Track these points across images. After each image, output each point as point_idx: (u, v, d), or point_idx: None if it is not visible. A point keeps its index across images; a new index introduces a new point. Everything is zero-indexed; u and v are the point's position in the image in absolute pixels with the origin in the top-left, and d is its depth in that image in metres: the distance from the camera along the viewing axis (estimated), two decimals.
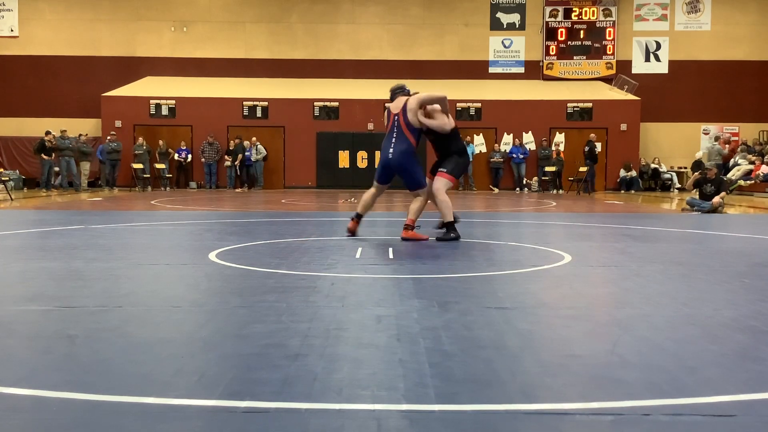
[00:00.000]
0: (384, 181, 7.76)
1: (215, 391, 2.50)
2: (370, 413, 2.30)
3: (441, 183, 7.51)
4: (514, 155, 22.06)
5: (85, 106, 23.00)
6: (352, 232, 7.62)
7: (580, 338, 3.36)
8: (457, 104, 22.54)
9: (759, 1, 23.56)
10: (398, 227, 9.12)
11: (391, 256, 6.19)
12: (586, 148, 21.11)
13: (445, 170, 7.55)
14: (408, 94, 7.72)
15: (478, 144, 22.44)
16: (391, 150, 7.51)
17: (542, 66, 23.92)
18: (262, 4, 23.82)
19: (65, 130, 20.56)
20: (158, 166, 21.60)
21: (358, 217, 7.72)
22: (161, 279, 5.05)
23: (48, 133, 19.94)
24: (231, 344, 3.19)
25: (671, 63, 23.72)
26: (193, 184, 22.41)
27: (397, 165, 7.46)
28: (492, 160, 22.10)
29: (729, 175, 20.08)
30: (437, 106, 7.55)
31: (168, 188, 21.64)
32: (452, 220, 7.44)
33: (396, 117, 7.55)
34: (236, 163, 21.63)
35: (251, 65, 23.63)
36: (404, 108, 7.50)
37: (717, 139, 23.05)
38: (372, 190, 7.76)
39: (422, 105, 7.53)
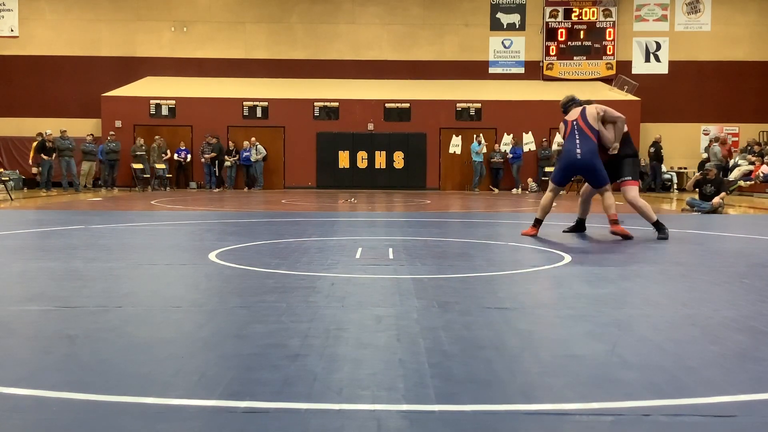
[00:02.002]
0: (563, 183, 8.02)
1: (215, 391, 2.50)
2: (370, 413, 2.30)
3: (632, 191, 7.81)
4: (510, 155, 22.10)
5: (85, 106, 23.01)
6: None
7: (579, 338, 3.36)
8: (457, 105, 22.56)
9: (759, 2, 23.56)
10: (398, 227, 9.13)
11: (391, 256, 6.19)
12: (652, 149, 21.19)
13: (628, 178, 7.86)
14: (580, 103, 8.02)
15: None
16: (578, 150, 7.66)
17: (542, 66, 23.92)
18: (262, 4, 23.83)
19: (65, 130, 20.56)
20: (158, 166, 21.60)
21: (537, 223, 7.87)
22: (161, 279, 5.05)
23: (40, 134, 19.93)
24: (231, 344, 3.19)
25: (671, 63, 23.72)
26: (193, 185, 22.41)
27: (585, 164, 7.65)
28: (492, 160, 22.11)
29: (730, 176, 20.08)
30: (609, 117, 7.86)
31: (167, 188, 21.64)
32: (656, 219, 7.75)
33: (575, 122, 7.76)
34: (205, 160, 21.67)
35: (251, 65, 23.64)
36: (583, 113, 7.77)
37: (716, 139, 23.06)
38: (549, 194, 7.92)
39: (604, 118, 7.84)
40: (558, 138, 22.48)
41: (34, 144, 19.96)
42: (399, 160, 22.53)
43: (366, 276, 5.12)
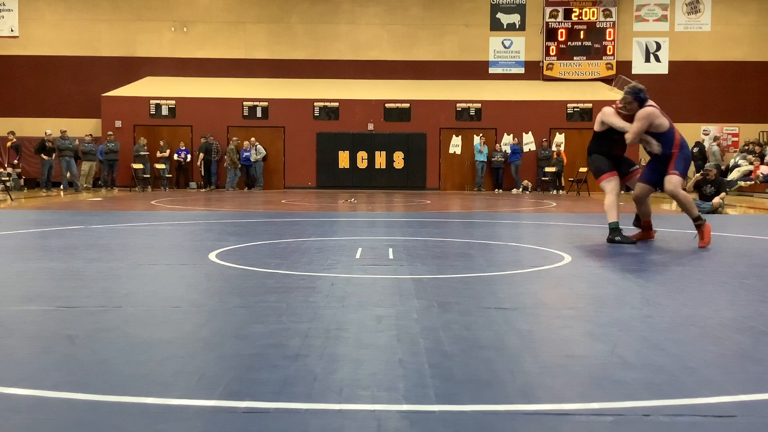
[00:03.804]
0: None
1: (215, 391, 2.50)
2: (370, 413, 2.30)
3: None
4: (509, 153, 22.13)
5: (85, 106, 23.01)
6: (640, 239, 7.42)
7: (579, 339, 3.36)
8: (457, 105, 22.55)
9: (759, 2, 23.56)
10: (398, 228, 9.13)
11: (391, 256, 6.19)
12: (695, 149, 21.04)
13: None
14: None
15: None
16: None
17: (542, 66, 23.92)
18: (262, 4, 23.84)
19: (65, 131, 20.57)
20: (158, 166, 21.61)
21: (642, 224, 7.46)
22: (161, 279, 5.05)
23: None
24: (231, 344, 3.18)
25: (671, 63, 23.72)
26: (192, 185, 22.41)
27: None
28: (493, 159, 22.11)
29: (729, 176, 20.08)
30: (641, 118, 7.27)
31: (167, 188, 21.63)
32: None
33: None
34: (198, 163, 21.64)
35: (251, 65, 23.64)
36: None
37: (716, 139, 23.06)
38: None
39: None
40: (559, 138, 22.52)
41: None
42: (399, 160, 22.53)
43: (366, 276, 5.12)
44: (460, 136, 22.60)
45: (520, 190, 21.69)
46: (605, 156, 7.44)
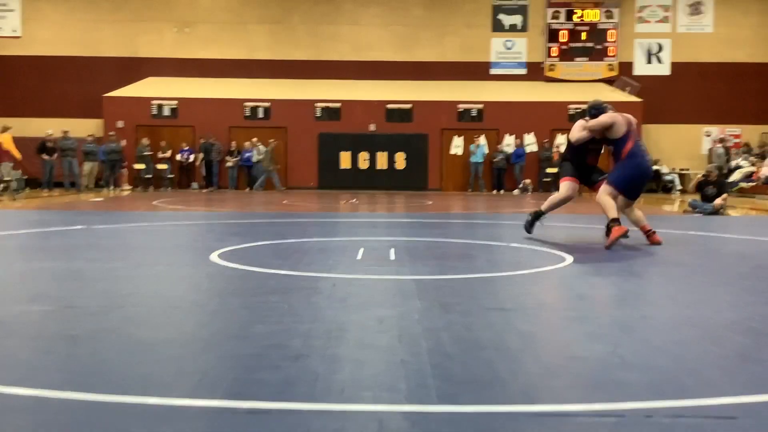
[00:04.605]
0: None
1: (217, 391, 2.50)
2: (372, 414, 2.30)
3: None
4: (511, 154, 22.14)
5: (87, 107, 23.00)
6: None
7: (581, 339, 3.36)
8: (459, 106, 22.54)
9: (761, 4, 23.54)
10: (399, 228, 9.12)
11: (392, 257, 6.19)
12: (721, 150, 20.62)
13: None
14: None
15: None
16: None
17: (544, 67, 23.91)
18: (263, 5, 23.84)
19: (67, 131, 20.58)
20: (160, 166, 21.61)
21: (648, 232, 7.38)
22: (162, 279, 5.05)
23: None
24: (232, 345, 3.19)
25: (673, 65, 23.69)
26: (194, 185, 22.42)
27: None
28: (494, 160, 22.09)
29: (731, 178, 20.06)
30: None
31: (168, 188, 21.64)
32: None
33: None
34: (197, 163, 21.67)
35: (253, 66, 23.65)
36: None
37: (721, 141, 23.05)
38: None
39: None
40: (560, 139, 22.52)
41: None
42: (400, 160, 22.53)
43: (368, 277, 5.12)
44: (462, 137, 22.59)
45: (520, 190, 21.65)
46: (576, 165, 7.72)
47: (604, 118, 7.30)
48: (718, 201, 12.32)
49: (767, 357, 3.07)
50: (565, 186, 7.75)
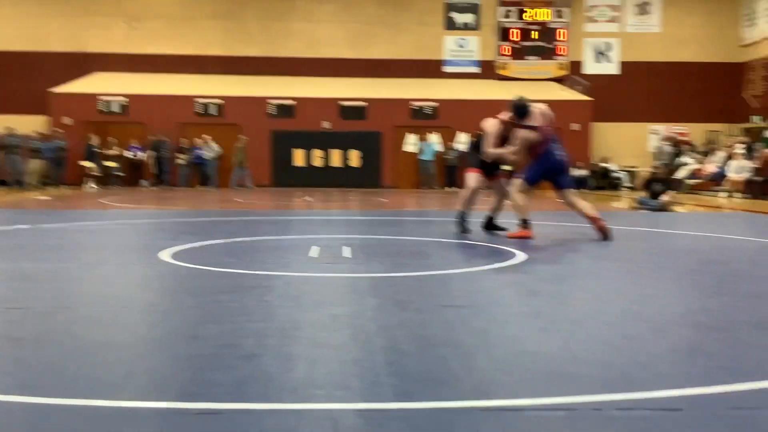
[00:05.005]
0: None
1: (168, 392, 2.46)
2: (326, 413, 2.30)
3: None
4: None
5: (32, 103, 22.36)
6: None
7: (533, 335, 3.40)
8: (413, 103, 22.62)
9: (706, 4, 24.14)
10: (354, 226, 9.12)
11: (347, 255, 6.18)
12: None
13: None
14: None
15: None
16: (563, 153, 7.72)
17: (496, 66, 24.15)
18: (215, 0, 23.55)
19: (12, 128, 20.02)
20: (108, 164, 21.17)
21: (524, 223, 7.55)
22: (112, 279, 4.96)
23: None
24: (184, 345, 3.14)
25: (622, 64, 24.17)
26: (144, 183, 22.03)
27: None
28: (447, 158, 22.22)
29: (677, 175, 20.56)
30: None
31: (118, 186, 21.23)
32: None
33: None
34: (148, 160, 21.35)
35: (205, 62, 23.33)
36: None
37: (669, 139, 23.60)
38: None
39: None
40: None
41: None
42: (355, 158, 22.51)
43: (322, 275, 5.10)
44: (417, 135, 22.65)
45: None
46: (479, 157, 8.03)
47: (533, 134, 7.51)
48: (665, 198, 12.62)
49: (713, 350, 3.15)
50: (471, 178, 8.07)
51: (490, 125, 7.95)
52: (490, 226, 8.03)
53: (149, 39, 23.26)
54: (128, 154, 21.68)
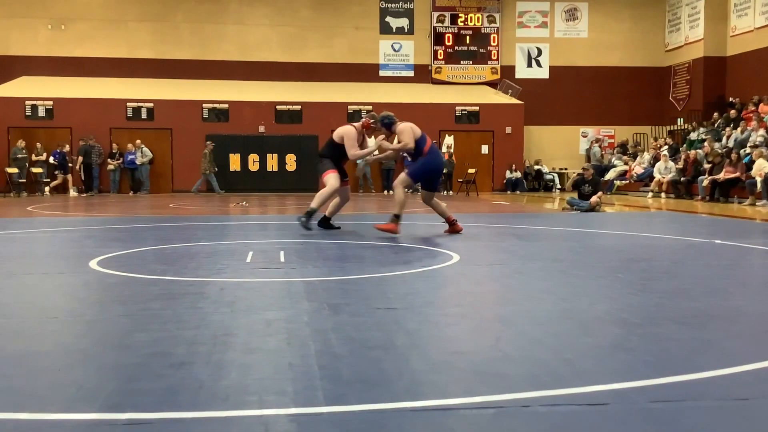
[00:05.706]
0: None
1: (94, 403, 2.41)
2: (258, 419, 2.28)
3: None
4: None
5: None
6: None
7: (465, 335, 3.46)
8: (349, 107, 22.64)
9: (632, 9, 24.92)
10: (290, 230, 9.07)
11: (282, 259, 6.15)
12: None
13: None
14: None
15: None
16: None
17: (431, 70, 24.40)
18: (144, 2, 23.08)
19: None
20: (35, 170, 20.49)
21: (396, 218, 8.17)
22: (37, 289, 4.81)
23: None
24: (111, 355, 3.08)
25: (552, 68, 24.74)
26: (73, 189, 21.41)
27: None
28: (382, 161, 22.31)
29: (606, 176, 21.16)
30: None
31: (44, 193, 20.58)
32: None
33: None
34: (76, 166, 20.82)
35: (135, 65, 22.84)
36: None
37: (597, 141, 24.28)
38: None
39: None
40: (448, 140, 23.08)
41: None
42: (291, 162, 22.39)
43: (256, 280, 5.06)
44: None
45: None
46: (333, 161, 8.95)
47: (407, 138, 8.43)
48: (594, 199, 12.96)
49: (637, 346, 3.26)
50: (331, 178, 8.76)
51: (348, 131, 8.77)
52: (326, 224, 8.87)
53: (76, 41, 22.65)
54: (51, 160, 20.98)
